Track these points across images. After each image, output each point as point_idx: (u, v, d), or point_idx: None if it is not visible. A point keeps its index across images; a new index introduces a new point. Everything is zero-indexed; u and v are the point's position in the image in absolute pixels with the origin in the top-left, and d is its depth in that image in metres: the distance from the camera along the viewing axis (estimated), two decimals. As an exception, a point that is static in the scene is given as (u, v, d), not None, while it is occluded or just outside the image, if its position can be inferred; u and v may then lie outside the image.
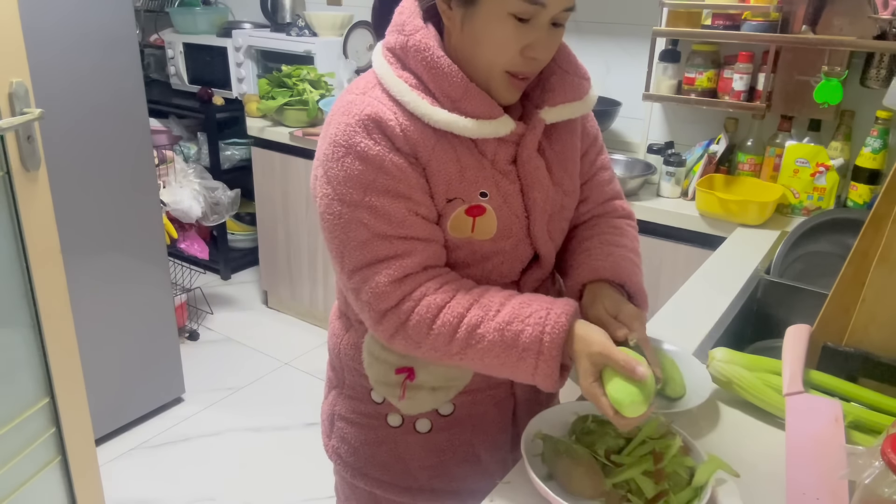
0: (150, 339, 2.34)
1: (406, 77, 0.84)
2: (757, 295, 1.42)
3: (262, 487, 2.15)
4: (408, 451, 1.01)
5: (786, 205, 1.98)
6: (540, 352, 0.80)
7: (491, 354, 0.82)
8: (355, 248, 0.84)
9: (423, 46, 0.83)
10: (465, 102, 0.83)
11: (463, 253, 0.90)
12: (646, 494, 0.79)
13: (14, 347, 1.39)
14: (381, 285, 0.83)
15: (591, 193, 1.03)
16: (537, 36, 0.81)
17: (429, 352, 0.84)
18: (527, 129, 0.89)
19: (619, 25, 2.39)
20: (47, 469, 1.50)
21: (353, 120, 0.83)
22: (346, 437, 1.05)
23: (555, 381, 0.81)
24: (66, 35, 1.89)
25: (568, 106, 0.91)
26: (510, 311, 0.82)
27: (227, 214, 2.96)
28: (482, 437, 1.02)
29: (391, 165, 0.82)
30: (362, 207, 0.82)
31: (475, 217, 0.87)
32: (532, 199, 0.90)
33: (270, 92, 2.83)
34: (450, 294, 0.83)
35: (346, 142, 0.82)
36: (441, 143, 0.84)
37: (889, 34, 1.77)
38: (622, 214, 1.06)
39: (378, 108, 0.83)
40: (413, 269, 0.84)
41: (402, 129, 0.82)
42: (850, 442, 0.91)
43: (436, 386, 0.95)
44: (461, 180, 0.85)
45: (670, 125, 2.38)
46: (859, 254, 1.04)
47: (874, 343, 1.01)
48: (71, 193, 1.97)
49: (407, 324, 0.83)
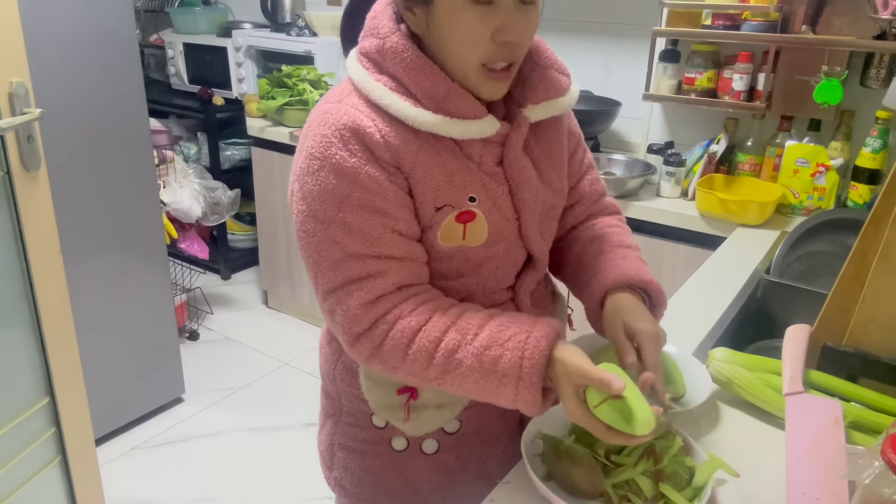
0: (150, 339, 2.34)
1: (384, 81, 0.81)
2: (757, 295, 1.42)
3: (262, 487, 2.15)
4: (416, 475, 0.97)
5: (786, 205, 1.98)
6: (520, 378, 0.76)
7: (470, 380, 0.78)
8: (328, 268, 0.80)
9: (401, 48, 0.80)
10: (449, 102, 0.80)
11: (456, 262, 0.87)
12: (646, 494, 0.79)
13: (14, 347, 1.39)
14: (353, 308, 0.80)
15: (584, 193, 1.03)
16: (504, 17, 0.77)
17: (406, 376, 0.81)
18: (511, 128, 0.87)
19: (619, 25, 2.39)
20: (47, 469, 1.50)
21: (328, 130, 0.79)
22: (348, 467, 1.01)
23: (537, 406, 0.78)
24: (67, 35, 1.89)
25: (552, 103, 0.90)
26: (488, 334, 0.78)
27: (227, 214, 2.96)
28: (492, 450, 0.99)
29: (367, 178, 0.78)
30: (336, 224, 0.79)
31: (466, 223, 0.84)
32: (521, 200, 0.88)
33: (270, 92, 2.83)
34: (426, 316, 0.80)
35: (322, 154, 0.79)
36: (425, 147, 0.81)
37: (889, 34, 1.77)
38: (613, 211, 1.06)
39: (355, 117, 0.79)
40: (386, 290, 0.80)
41: (382, 135, 0.79)
42: (850, 442, 0.91)
43: (440, 403, 0.93)
44: (449, 185, 0.82)
45: (670, 125, 2.38)
46: (859, 254, 1.04)
47: (874, 343, 1.01)
48: (71, 193, 1.97)
49: (382, 347, 0.80)
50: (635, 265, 0.94)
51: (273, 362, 2.81)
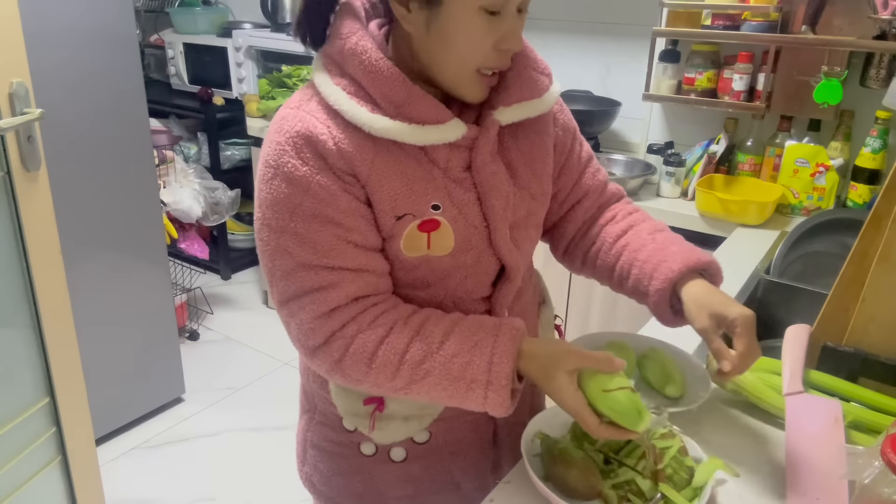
0: (150, 339, 2.34)
1: (343, 84, 0.78)
2: (757, 295, 1.42)
3: (262, 487, 2.15)
4: (382, 481, 0.96)
5: (785, 205, 1.98)
6: (489, 382, 0.76)
7: (438, 388, 0.78)
8: (281, 278, 0.79)
9: (360, 49, 0.77)
10: (409, 107, 0.77)
11: (422, 272, 0.84)
12: (646, 494, 0.79)
13: (14, 347, 1.39)
14: (307, 321, 0.78)
15: (589, 187, 1.01)
16: (508, 26, 0.77)
17: (372, 388, 0.80)
18: (480, 131, 0.83)
19: (619, 25, 2.39)
20: (47, 469, 1.50)
21: (283, 138, 0.78)
22: (318, 466, 1.00)
23: (506, 407, 0.78)
24: (67, 35, 1.89)
25: (524, 105, 0.85)
26: (455, 342, 0.77)
27: (227, 214, 2.95)
28: (461, 463, 0.97)
29: (318, 188, 0.76)
30: (287, 234, 0.77)
31: (429, 232, 0.81)
32: (490, 207, 0.84)
33: (270, 92, 2.83)
34: (386, 328, 0.78)
35: (275, 162, 0.78)
36: (382, 155, 0.78)
37: (889, 34, 1.77)
38: (620, 197, 1.05)
39: (309, 124, 0.77)
40: (340, 302, 0.78)
41: (335, 142, 0.77)
42: (850, 442, 0.91)
43: (408, 415, 0.92)
44: (409, 193, 0.79)
45: (670, 125, 2.38)
46: (859, 254, 1.04)
47: (874, 343, 1.01)
48: (71, 193, 1.97)
49: (342, 362, 0.79)
50: (687, 248, 0.92)
51: (273, 362, 2.81)
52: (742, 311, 0.84)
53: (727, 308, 0.85)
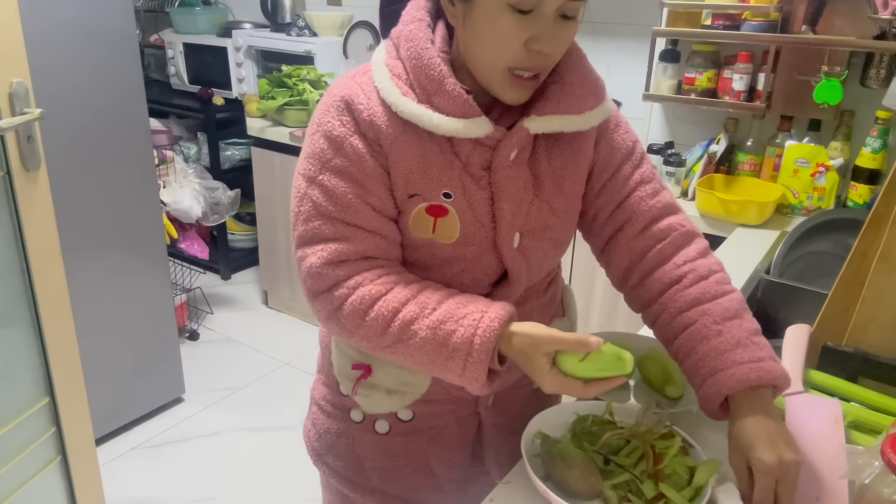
0: (150, 339, 2.34)
1: (395, 66, 0.84)
2: (757, 295, 1.42)
3: (262, 487, 2.15)
4: (364, 449, 1.01)
5: (786, 205, 1.98)
6: (469, 353, 0.78)
7: (422, 351, 0.80)
8: (303, 221, 0.85)
9: (411, 37, 0.83)
10: (439, 98, 0.81)
11: (423, 254, 0.88)
12: (646, 495, 0.79)
13: (14, 347, 1.39)
14: (316, 266, 0.83)
15: (632, 213, 0.92)
16: (541, 28, 0.77)
17: (361, 341, 0.84)
18: (506, 135, 0.84)
19: (619, 25, 2.39)
20: (47, 469, 1.50)
21: (330, 100, 0.85)
22: (315, 422, 1.07)
23: (482, 384, 0.79)
24: (67, 35, 1.89)
25: (557, 118, 0.84)
26: (445, 310, 0.80)
27: (227, 214, 2.96)
28: (438, 450, 1.00)
29: (350, 148, 0.83)
30: (316, 184, 0.84)
31: (436, 217, 0.85)
32: (500, 209, 0.86)
33: (270, 92, 2.83)
34: (387, 287, 0.82)
35: (319, 119, 0.85)
36: (407, 134, 0.82)
37: (889, 34, 1.77)
38: (682, 242, 0.92)
39: (354, 91, 0.84)
40: (350, 256, 0.83)
41: (369, 113, 0.83)
42: (850, 442, 0.91)
43: (391, 388, 0.95)
44: (423, 176, 0.83)
45: (670, 125, 2.38)
46: (859, 254, 1.04)
47: (874, 343, 1.01)
48: (71, 193, 1.97)
49: (340, 311, 0.83)
50: (751, 355, 0.82)
51: (273, 362, 2.81)
52: (762, 457, 0.75)
53: (755, 448, 0.76)
